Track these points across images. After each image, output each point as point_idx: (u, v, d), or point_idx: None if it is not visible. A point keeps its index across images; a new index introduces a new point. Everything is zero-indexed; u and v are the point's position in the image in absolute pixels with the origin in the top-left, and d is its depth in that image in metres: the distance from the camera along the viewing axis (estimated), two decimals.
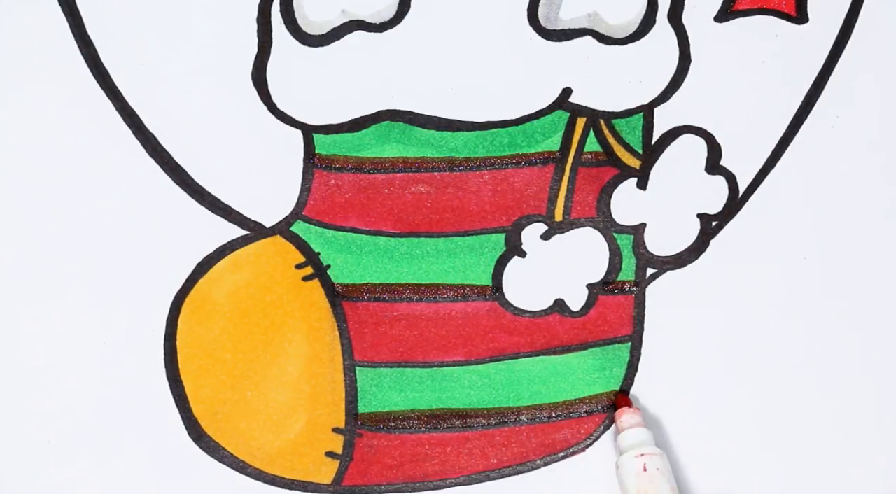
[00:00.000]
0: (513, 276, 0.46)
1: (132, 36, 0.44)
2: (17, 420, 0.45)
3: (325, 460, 0.46)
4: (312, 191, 0.45)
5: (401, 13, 0.44)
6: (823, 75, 0.46)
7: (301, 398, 0.46)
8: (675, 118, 0.46)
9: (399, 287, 0.46)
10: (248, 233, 0.45)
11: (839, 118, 0.47)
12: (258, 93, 0.44)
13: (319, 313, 0.46)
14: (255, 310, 0.45)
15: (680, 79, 0.46)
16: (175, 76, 0.44)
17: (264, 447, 0.46)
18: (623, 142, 0.46)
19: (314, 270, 0.46)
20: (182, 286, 0.45)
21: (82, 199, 0.44)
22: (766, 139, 0.47)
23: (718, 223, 0.47)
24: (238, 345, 0.45)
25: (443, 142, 0.45)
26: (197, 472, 0.46)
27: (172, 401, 0.45)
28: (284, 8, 0.44)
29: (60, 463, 0.45)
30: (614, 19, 0.45)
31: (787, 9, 0.46)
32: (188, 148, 0.44)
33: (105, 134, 0.44)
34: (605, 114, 0.46)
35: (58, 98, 0.44)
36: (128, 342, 0.45)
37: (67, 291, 0.45)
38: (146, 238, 0.45)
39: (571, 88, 0.45)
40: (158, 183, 0.45)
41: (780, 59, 0.46)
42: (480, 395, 0.46)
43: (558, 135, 0.46)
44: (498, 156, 0.46)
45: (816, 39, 0.46)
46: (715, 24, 0.46)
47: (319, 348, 0.46)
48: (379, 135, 0.45)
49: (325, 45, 0.44)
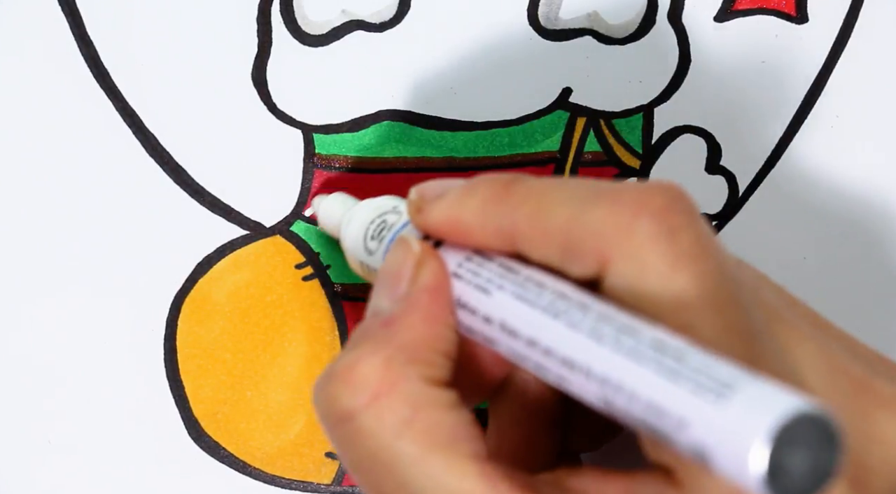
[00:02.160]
0: None
1: (132, 36, 0.44)
2: (17, 420, 0.45)
3: (325, 460, 0.46)
4: (312, 191, 0.45)
5: (401, 13, 0.44)
6: (823, 75, 0.46)
7: (301, 398, 0.46)
8: (675, 118, 0.46)
9: None
10: (248, 233, 0.45)
11: (839, 118, 0.47)
12: (258, 93, 0.44)
13: (319, 313, 0.46)
14: (255, 310, 0.45)
15: (680, 79, 0.46)
16: (175, 76, 0.44)
17: (264, 447, 0.46)
18: (623, 142, 0.46)
19: (314, 270, 0.46)
20: (182, 286, 0.45)
21: (82, 199, 0.44)
22: (766, 139, 0.47)
23: (718, 223, 0.47)
24: (238, 345, 0.45)
25: (443, 142, 0.45)
26: (197, 472, 0.46)
27: (172, 401, 0.45)
28: (284, 8, 0.44)
29: (60, 463, 0.45)
30: (614, 19, 0.45)
31: (786, 9, 0.46)
32: (188, 148, 0.44)
33: (105, 134, 0.44)
34: (605, 114, 0.46)
35: (58, 98, 0.44)
36: (128, 342, 0.45)
37: (67, 291, 0.45)
38: (146, 238, 0.45)
39: (571, 88, 0.45)
40: (158, 182, 0.45)
41: (780, 59, 0.46)
42: None
43: (558, 135, 0.46)
44: (498, 156, 0.46)
45: (816, 39, 0.46)
46: (715, 24, 0.46)
47: (319, 348, 0.46)
48: (379, 136, 0.45)
49: (325, 44, 0.44)
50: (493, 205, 0.32)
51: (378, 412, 0.31)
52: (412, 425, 0.30)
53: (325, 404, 0.32)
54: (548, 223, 0.31)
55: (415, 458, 0.30)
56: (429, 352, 0.32)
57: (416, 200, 0.35)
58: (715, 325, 0.29)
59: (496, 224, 0.32)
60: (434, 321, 0.32)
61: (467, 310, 0.32)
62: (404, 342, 0.32)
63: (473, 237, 0.33)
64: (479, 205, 0.33)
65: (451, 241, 0.34)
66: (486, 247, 0.33)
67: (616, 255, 0.30)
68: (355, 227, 0.38)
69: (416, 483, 0.30)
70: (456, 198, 0.33)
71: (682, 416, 0.26)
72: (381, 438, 0.30)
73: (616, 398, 0.28)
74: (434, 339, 0.32)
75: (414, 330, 0.32)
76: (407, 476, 0.30)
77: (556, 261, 0.31)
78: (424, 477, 0.30)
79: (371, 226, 0.38)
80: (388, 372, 0.31)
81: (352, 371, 0.31)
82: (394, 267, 0.34)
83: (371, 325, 0.33)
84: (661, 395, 0.27)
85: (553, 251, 0.31)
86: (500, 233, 0.32)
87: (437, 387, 0.31)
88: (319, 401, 0.32)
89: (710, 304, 0.29)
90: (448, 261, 0.33)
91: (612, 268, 0.30)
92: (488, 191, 0.33)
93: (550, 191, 0.32)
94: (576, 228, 0.30)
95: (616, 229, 0.30)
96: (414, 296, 0.33)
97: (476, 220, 0.33)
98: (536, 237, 0.31)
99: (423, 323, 0.32)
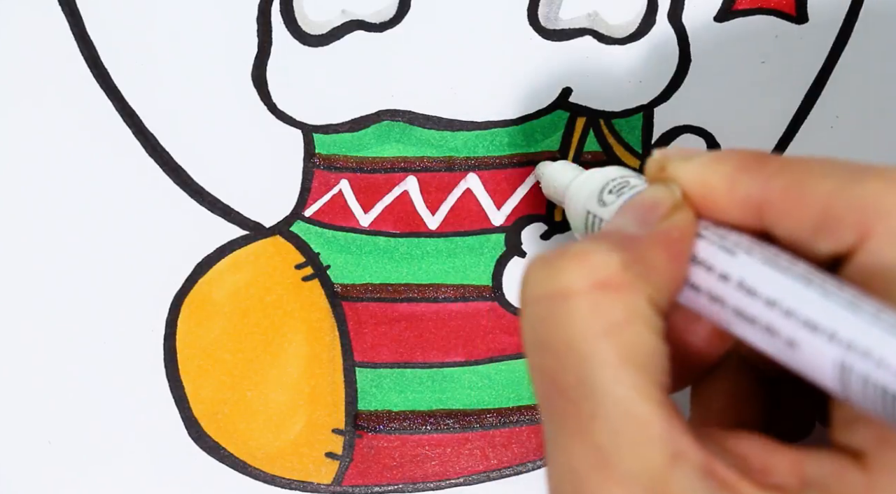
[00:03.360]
0: (513, 276, 0.46)
1: (132, 36, 0.44)
2: (17, 420, 0.45)
3: (325, 460, 0.46)
4: (312, 191, 0.45)
5: (401, 13, 0.44)
6: (823, 75, 0.46)
7: (301, 398, 0.46)
8: (675, 118, 0.46)
9: (399, 287, 0.46)
10: (248, 233, 0.45)
11: (839, 118, 0.47)
12: (258, 93, 0.44)
13: (319, 313, 0.46)
14: (255, 310, 0.45)
15: (680, 79, 0.46)
16: (175, 76, 0.44)
17: (264, 447, 0.46)
18: (623, 142, 0.46)
19: (314, 270, 0.46)
20: (181, 286, 0.45)
21: (82, 199, 0.44)
22: (766, 139, 0.47)
23: None
24: (238, 345, 0.46)
25: (443, 142, 0.45)
26: (197, 472, 0.46)
27: (172, 401, 0.45)
28: (284, 8, 0.44)
29: (60, 463, 0.45)
30: (614, 19, 0.45)
31: (786, 9, 0.46)
32: (188, 148, 0.44)
33: (105, 134, 0.44)
34: (605, 114, 0.46)
35: (58, 98, 0.44)
36: (128, 342, 0.45)
37: (67, 291, 0.45)
38: (145, 238, 0.45)
39: (571, 88, 0.45)
40: (158, 183, 0.45)
41: (780, 59, 0.46)
42: (480, 395, 0.46)
43: (558, 135, 0.46)
44: (498, 156, 0.46)
45: (816, 39, 0.46)
46: (715, 24, 0.46)
47: (319, 348, 0.46)
48: (379, 135, 0.45)
49: (325, 44, 0.44)
50: (746, 172, 0.32)
51: (596, 302, 0.30)
52: (622, 331, 0.30)
53: (543, 274, 0.31)
54: (807, 194, 0.31)
55: (609, 363, 0.29)
56: (661, 280, 0.31)
57: (661, 159, 0.34)
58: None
59: (746, 192, 0.32)
60: (675, 258, 0.32)
61: (703, 267, 0.32)
62: (645, 258, 0.31)
63: (719, 203, 0.32)
64: (730, 171, 0.32)
65: (695, 205, 0.33)
66: (728, 216, 0.32)
67: (878, 231, 0.30)
68: (595, 180, 0.38)
69: (600, 387, 0.29)
70: (706, 162, 0.33)
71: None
72: (587, 328, 0.30)
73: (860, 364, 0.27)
74: (670, 273, 0.31)
75: (657, 255, 0.31)
76: (594, 376, 0.29)
77: (807, 234, 0.31)
78: (610, 384, 0.29)
79: (612, 182, 0.37)
80: (623, 271, 0.30)
81: (588, 254, 0.30)
82: (650, 199, 0.33)
83: (614, 234, 0.32)
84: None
85: (806, 223, 0.31)
86: (748, 202, 0.32)
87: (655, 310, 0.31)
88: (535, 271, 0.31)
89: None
90: None
91: (870, 243, 0.30)
92: (741, 159, 0.32)
93: (810, 165, 0.31)
94: (839, 200, 0.30)
95: (884, 206, 0.30)
96: (664, 229, 0.32)
97: (725, 186, 0.32)
98: (791, 208, 0.31)
99: (666, 255, 0.32)
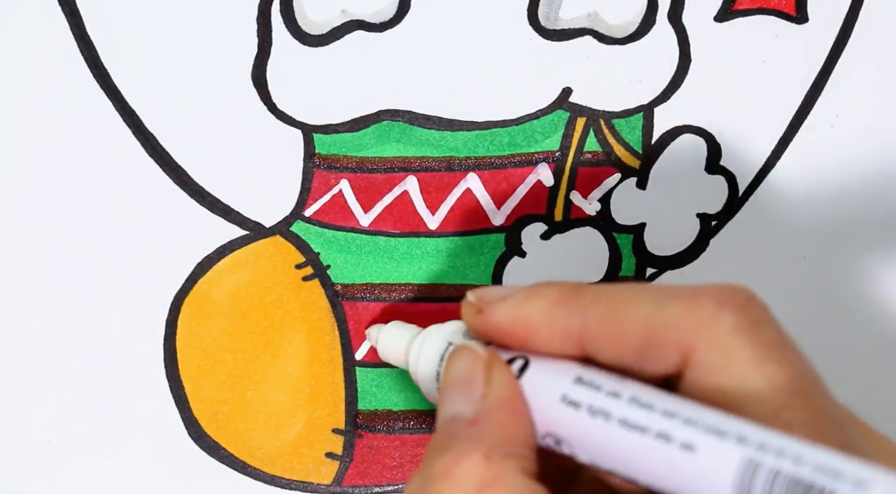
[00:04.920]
0: (513, 276, 0.46)
1: (132, 36, 0.44)
2: (17, 420, 0.45)
3: (325, 460, 0.46)
4: (312, 191, 0.45)
5: (401, 13, 0.44)
6: (823, 75, 0.46)
7: (301, 398, 0.46)
8: (675, 118, 0.46)
9: (399, 287, 0.46)
10: (248, 234, 0.45)
11: (839, 118, 0.47)
12: (258, 93, 0.44)
13: (319, 313, 0.46)
14: (255, 310, 0.45)
15: (680, 79, 0.46)
16: (175, 76, 0.44)
17: (264, 447, 0.46)
18: (623, 142, 0.46)
19: (314, 270, 0.46)
20: (182, 286, 0.45)
21: (82, 199, 0.44)
22: (766, 139, 0.47)
23: (718, 223, 0.47)
24: (238, 345, 0.46)
25: (443, 142, 0.45)
26: (197, 472, 0.46)
27: (172, 401, 0.45)
28: (284, 8, 0.44)
29: (60, 463, 0.45)
30: (614, 19, 0.45)
31: (786, 9, 0.46)
32: (188, 148, 0.44)
33: (105, 134, 0.44)
34: (605, 114, 0.46)
35: (58, 98, 0.44)
36: (128, 342, 0.45)
37: (67, 291, 0.45)
38: (145, 238, 0.45)
39: (571, 88, 0.45)
40: (158, 183, 0.45)
41: (780, 59, 0.46)
42: None
43: (558, 135, 0.46)
44: (498, 156, 0.46)
45: (816, 39, 0.46)
46: (715, 23, 0.46)
47: (319, 348, 0.46)
48: (379, 135, 0.45)
49: (325, 44, 0.44)
50: (563, 306, 0.32)
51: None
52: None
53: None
54: (624, 321, 0.31)
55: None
56: (521, 447, 0.32)
57: (476, 302, 0.35)
58: (806, 411, 0.29)
59: (565, 325, 0.32)
60: (520, 417, 0.32)
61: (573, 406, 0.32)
62: (498, 438, 0.32)
63: (539, 339, 0.33)
64: (546, 306, 0.33)
65: (514, 345, 0.34)
66: (551, 349, 0.33)
67: (700, 346, 0.30)
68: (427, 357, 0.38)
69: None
70: (522, 299, 0.33)
71: (861, 478, 0.27)
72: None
73: (773, 461, 0.28)
74: (523, 434, 0.32)
75: (504, 427, 0.32)
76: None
77: (631, 361, 0.31)
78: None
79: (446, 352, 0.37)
80: (489, 467, 0.31)
81: (453, 470, 0.31)
82: (462, 372, 0.34)
83: (456, 428, 0.33)
84: (831, 459, 0.27)
85: (628, 350, 0.31)
86: (568, 336, 0.32)
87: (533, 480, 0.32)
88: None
89: (799, 391, 0.30)
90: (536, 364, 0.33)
91: (695, 360, 0.30)
92: (557, 293, 0.33)
93: (623, 292, 0.32)
94: (655, 324, 0.31)
95: (700, 321, 0.30)
96: (496, 395, 0.33)
97: (544, 321, 0.33)
98: (610, 337, 0.32)
99: (512, 420, 0.32)
